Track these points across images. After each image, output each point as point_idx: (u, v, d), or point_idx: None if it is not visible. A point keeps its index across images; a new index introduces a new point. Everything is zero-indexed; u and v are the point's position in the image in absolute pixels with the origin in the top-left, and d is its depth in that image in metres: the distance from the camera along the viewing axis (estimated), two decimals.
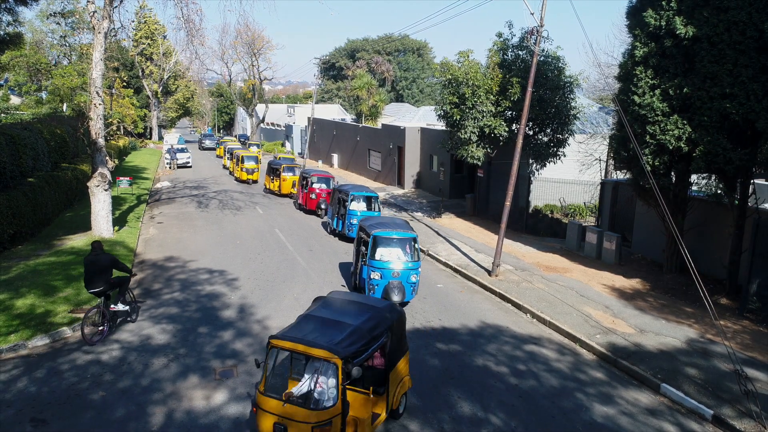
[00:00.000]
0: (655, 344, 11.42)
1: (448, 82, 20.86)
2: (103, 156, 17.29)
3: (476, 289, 15.31)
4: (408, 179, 32.21)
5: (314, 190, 24.28)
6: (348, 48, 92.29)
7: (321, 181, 24.83)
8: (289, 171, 28.68)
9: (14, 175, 18.59)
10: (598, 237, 17.96)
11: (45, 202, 18.85)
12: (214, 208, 24.95)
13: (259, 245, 18.61)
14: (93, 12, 16.31)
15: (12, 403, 8.52)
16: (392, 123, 38.74)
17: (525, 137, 21.94)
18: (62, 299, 12.41)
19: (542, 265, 17.00)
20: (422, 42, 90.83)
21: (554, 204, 25.56)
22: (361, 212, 19.45)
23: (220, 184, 32.69)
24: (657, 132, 13.75)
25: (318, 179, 24.82)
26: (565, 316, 12.93)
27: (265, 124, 70.39)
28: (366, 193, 20.51)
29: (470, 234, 21.30)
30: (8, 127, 19.76)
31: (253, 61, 60.81)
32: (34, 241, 17.20)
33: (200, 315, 12.21)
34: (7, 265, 14.50)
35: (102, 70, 16.73)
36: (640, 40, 14.18)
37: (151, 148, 58.51)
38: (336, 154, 43.16)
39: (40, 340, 10.70)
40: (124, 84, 57.08)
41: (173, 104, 73.76)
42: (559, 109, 21.10)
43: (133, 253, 16.85)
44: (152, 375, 9.49)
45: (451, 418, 8.48)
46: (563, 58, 21.56)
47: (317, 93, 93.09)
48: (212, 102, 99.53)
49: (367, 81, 42.34)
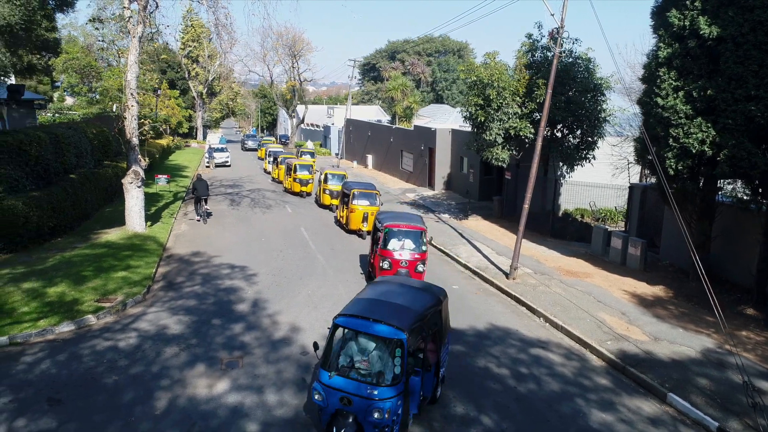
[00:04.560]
0: (667, 353, 11.14)
1: (473, 83, 20.80)
2: (137, 154, 18.13)
3: (492, 292, 15.26)
4: (438, 180, 32.21)
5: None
6: (388, 49, 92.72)
7: (365, 198, 20.74)
8: (363, 198, 20.77)
9: (58, 172, 19.73)
10: (623, 242, 17.56)
11: (85, 197, 19.90)
12: (246, 206, 25.68)
13: (283, 243, 19.09)
14: (129, 17, 17.15)
15: (33, 384, 9.14)
16: (428, 124, 38.78)
17: (553, 140, 21.74)
18: (90, 289, 13.15)
19: (563, 270, 16.76)
20: (463, 43, 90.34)
21: (585, 208, 25.08)
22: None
23: (255, 183, 33.54)
24: (680, 135, 13.37)
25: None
26: (578, 321, 12.75)
27: (305, 124, 71.55)
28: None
29: (494, 236, 21.17)
30: (54, 127, 20.98)
31: (294, 63, 61.93)
32: (73, 234, 18.21)
33: (216, 308, 12.69)
34: (45, 256, 15.44)
35: (136, 72, 17.57)
36: (663, 41, 13.83)
37: (194, 147, 60.47)
38: (370, 154, 43.54)
39: (67, 326, 11.39)
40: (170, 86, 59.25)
41: (217, 105, 75.94)
42: (589, 111, 20.72)
43: (163, 247, 17.59)
44: (163, 363, 9.97)
45: (443, 416, 8.56)
46: (594, 59, 21.18)
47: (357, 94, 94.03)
48: (256, 103, 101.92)
49: (402, 82, 42.50)
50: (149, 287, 13.92)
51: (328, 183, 25.74)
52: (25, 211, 15.47)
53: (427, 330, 8.07)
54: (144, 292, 13.47)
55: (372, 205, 20.58)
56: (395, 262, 13.83)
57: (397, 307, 7.86)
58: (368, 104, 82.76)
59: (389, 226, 14.23)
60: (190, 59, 68.11)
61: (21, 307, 11.90)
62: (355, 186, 21.49)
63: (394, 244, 14.10)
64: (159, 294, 13.66)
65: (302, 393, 9.04)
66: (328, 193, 25.52)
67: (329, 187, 25.56)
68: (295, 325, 11.78)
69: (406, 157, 36.88)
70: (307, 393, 8.99)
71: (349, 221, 20.78)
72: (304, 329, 11.60)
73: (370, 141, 43.63)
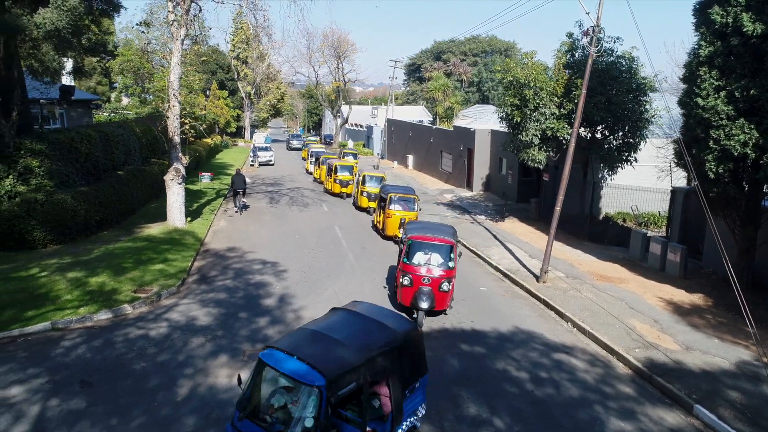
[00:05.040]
0: (699, 363, 10.71)
1: (510, 83, 20.54)
2: (178, 152, 18.86)
3: (521, 295, 15.05)
4: (477, 181, 31.93)
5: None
6: (434, 50, 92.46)
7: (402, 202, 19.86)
8: (401, 203, 19.94)
9: (107, 168, 20.79)
10: (662, 248, 16.94)
11: (130, 192, 20.86)
12: (284, 204, 26.25)
13: (316, 240, 19.43)
14: (172, 21, 17.87)
15: (69, 366, 9.71)
16: (471, 124, 38.43)
17: (593, 141, 21.19)
18: (128, 280, 13.81)
19: (597, 274, 16.34)
20: (510, 42, 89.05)
21: (627, 212, 24.31)
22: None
23: (295, 182, 34.19)
24: (721, 137, 12.81)
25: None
26: (607, 327, 12.42)
27: (349, 124, 72.27)
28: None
29: (529, 239, 20.83)
30: (104, 126, 22.10)
31: (339, 63, 62.71)
32: (118, 227, 19.13)
33: (244, 302, 13.09)
34: (90, 248, 16.31)
35: (179, 73, 18.28)
36: (705, 39, 13.28)
37: (241, 146, 62.11)
38: (411, 155, 43.58)
39: (104, 314, 12.01)
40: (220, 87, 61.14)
41: (264, 105, 77.74)
42: (630, 112, 20.09)
43: (200, 242, 18.24)
44: (188, 352, 10.38)
45: (455, 417, 8.56)
46: (637, 58, 20.52)
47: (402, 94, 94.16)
48: (303, 103, 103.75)
49: (443, 83, 42.34)
50: (184, 280, 14.48)
51: (366, 185, 25.09)
52: (73, 205, 16.38)
53: (375, 374, 6.72)
54: (178, 284, 14.03)
55: (410, 210, 19.66)
56: (417, 278, 12.20)
57: (333, 345, 6.65)
58: (413, 105, 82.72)
59: (414, 238, 12.80)
60: (239, 60, 70.05)
61: (64, 295, 12.63)
62: (393, 190, 20.53)
63: (417, 258, 12.66)
64: (192, 286, 14.20)
65: None
66: (366, 196, 24.87)
67: (367, 189, 24.89)
68: None
69: (445, 158, 36.73)
70: None
71: (385, 227, 19.90)
72: None
73: (411, 141, 43.68)
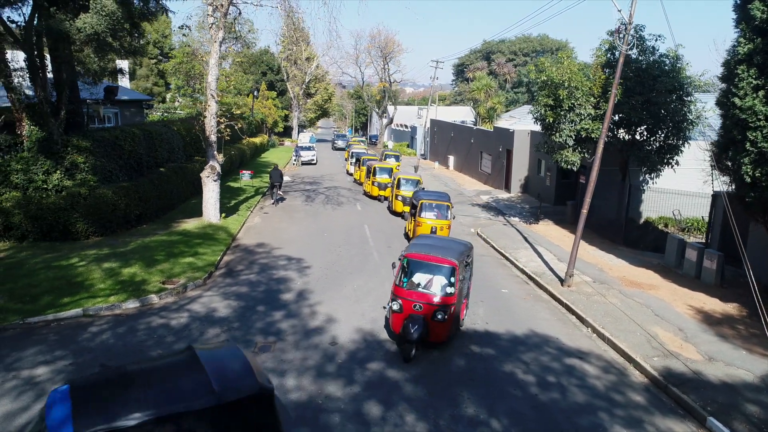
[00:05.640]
0: (720, 375, 10.24)
1: (543, 83, 20.15)
2: (214, 150, 19.57)
3: (543, 298, 14.78)
4: (515, 183, 31.43)
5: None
6: (483, 50, 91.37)
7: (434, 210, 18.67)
8: (432, 210, 18.79)
9: (149, 165, 21.80)
10: (698, 254, 16.22)
11: (170, 189, 21.80)
12: (319, 203, 26.72)
13: (343, 238, 19.70)
14: (211, 24, 18.57)
15: (92, 350, 10.31)
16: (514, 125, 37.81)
17: (632, 143, 20.49)
18: (158, 271, 14.47)
19: (626, 280, 15.82)
20: (562, 42, 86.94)
21: (670, 217, 23.35)
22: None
23: (334, 182, 34.68)
24: (758, 138, 12.18)
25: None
26: (628, 334, 12.04)
27: (394, 125, 72.54)
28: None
29: (561, 242, 20.37)
30: (149, 125, 23.19)
31: (385, 64, 63.07)
32: (157, 221, 20.04)
33: (264, 296, 13.47)
34: (128, 240, 17.18)
35: (216, 74, 18.98)
36: (744, 36, 12.65)
37: (287, 145, 63.52)
38: (452, 155, 43.35)
39: (132, 303, 12.66)
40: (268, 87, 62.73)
41: (312, 105, 79.13)
42: (673, 113, 19.30)
43: (232, 237, 18.86)
44: (204, 342, 10.80)
45: (451, 416, 8.54)
46: (682, 57, 19.68)
47: (450, 95, 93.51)
48: (352, 104, 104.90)
49: (486, 83, 41.88)
50: (211, 273, 15.04)
51: (401, 189, 24.24)
52: (113, 199, 17.30)
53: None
54: (205, 277, 14.59)
55: (443, 219, 18.45)
56: (407, 305, 10.46)
57: None
58: (460, 105, 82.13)
59: (410, 256, 11.05)
60: (289, 62, 71.63)
61: (98, 283, 13.39)
62: (425, 196, 19.45)
63: (411, 280, 10.94)
64: (218, 280, 14.73)
65: (319, 380, 9.41)
66: (401, 200, 23.83)
67: (402, 193, 23.96)
68: (332, 317, 12.22)
69: (485, 159, 36.34)
70: (321, 381, 9.35)
71: (415, 235, 17.54)
72: (340, 320, 12.01)
73: (452, 142, 43.45)
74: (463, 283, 11.27)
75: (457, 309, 11.01)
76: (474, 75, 46.44)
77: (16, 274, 13.78)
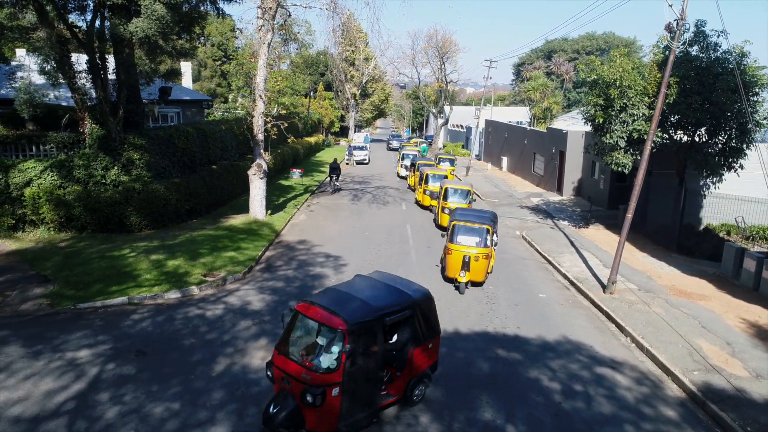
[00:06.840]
0: (765, 394, 9.56)
1: (594, 82, 19.42)
2: (261, 149, 20.16)
3: (582, 305, 14.27)
4: (567, 185, 30.47)
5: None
6: (545, 49, 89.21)
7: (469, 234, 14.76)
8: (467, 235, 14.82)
9: (202, 162, 22.74)
10: (757, 264, 15.17)
11: (221, 185, 22.64)
12: (365, 202, 26.94)
13: (384, 237, 19.79)
14: (260, 26, 19.14)
15: (131, 337, 10.90)
16: (572, 126, 36.63)
17: (690, 145, 19.41)
18: (201, 264, 15.09)
19: (675, 289, 15.03)
20: (629, 39, 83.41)
21: (733, 224, 21.94)
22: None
23: (383, 182, 34.84)
24: None
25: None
26: (669, 345, 11.45)
27: (450, 125, 72.03)
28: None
29: (609, 248, 19.54)
30: (203, 124, 24.18)
31: (441, 64, 62.73)
32: (207, 217, 20.87)
33: (298, 291, 13.76)
34: (177, 234, 18.00)
35: (265, 75, 19.55)
36: None
37: (342, 145, 64.38)
38: (506, 156, 42.55)
39: (174, 293, 13.27)
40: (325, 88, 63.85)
41: (369, 106, 79.84)
42: (737, 113, 18.13)
43: (276, 234, 19.37)
44: (234, 333, 11.19)
45: (467, 419, 8.43)
46: (749, 53, 18.42)
47: (510, 95, 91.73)
48: (410, 104, 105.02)
49: (542, 83, 40.84)
50: (251, 268, 15.51)
51: (449, 200, 21.00)
52: (165, 195, 18.18)
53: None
54: (245, 271, 15.07)
55: (478, 246, 14.39)
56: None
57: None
58: (519, 105, 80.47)
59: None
60: (347, 63, 72.60)
61: (144, 274, 14.13)
62: (462, 216, 15.41)
63: None
64: (257, 274, 15.18)
65: None
66: (448, 213, 20.13)
67: (449, 205, 20.68)
68: None
69: (538, 160, 35.44)
70: None
71: (445, 266, 14.81)
72: None
73: (506, 143, 42.65)
74: None
75: None
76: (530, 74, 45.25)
77: (73, 262, 14.76)
